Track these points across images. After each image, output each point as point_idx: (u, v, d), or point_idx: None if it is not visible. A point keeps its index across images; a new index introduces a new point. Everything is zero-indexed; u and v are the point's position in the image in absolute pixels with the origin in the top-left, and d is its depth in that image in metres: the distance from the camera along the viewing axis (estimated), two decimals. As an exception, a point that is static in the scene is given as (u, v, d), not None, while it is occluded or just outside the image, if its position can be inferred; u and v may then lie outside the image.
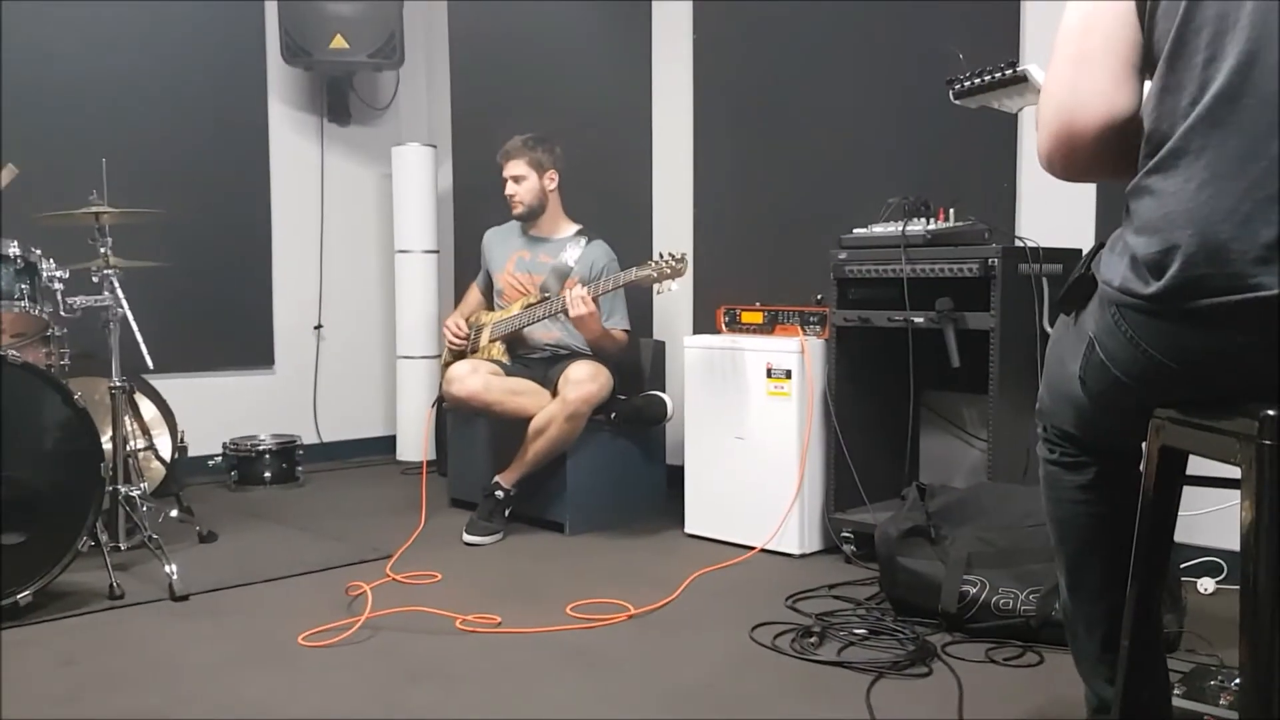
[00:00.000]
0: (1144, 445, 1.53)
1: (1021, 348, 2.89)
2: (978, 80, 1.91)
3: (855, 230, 3.18)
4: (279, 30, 4.73)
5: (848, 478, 3.23)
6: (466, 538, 3.51)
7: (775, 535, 3.31)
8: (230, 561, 3.26)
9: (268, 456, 4.49)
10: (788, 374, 3.28)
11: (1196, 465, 1.48)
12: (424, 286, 5.00)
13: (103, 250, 3.19)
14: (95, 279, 3.21)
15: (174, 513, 3.57)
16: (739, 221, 4.05)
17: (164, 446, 3.96)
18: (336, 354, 5.17)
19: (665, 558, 3.34)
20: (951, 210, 3.07)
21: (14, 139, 4.06)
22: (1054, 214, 3.14)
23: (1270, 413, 1.26)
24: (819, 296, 3.34)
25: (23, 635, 2.60)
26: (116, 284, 3.20)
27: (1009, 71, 1.85)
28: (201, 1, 4.61)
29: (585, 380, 3.58)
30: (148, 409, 3.94)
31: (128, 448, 3.29)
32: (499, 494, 3.59)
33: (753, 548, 3.35)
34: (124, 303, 3.20)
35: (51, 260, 3.11)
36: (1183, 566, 2.87)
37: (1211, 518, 2.77)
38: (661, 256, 3.41)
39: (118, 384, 3.23)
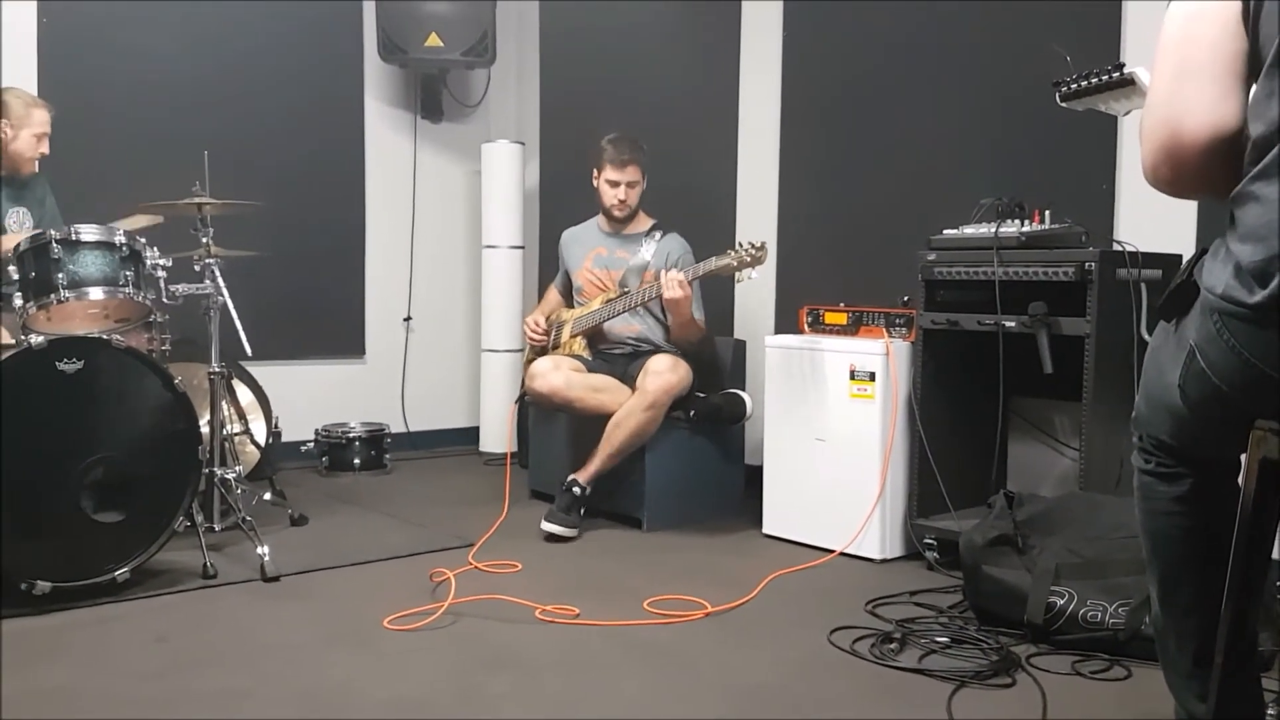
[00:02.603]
0: (1243, 457, 1.48)
1: (1117, 355, 2.81)
2: (1084, 83, 1.87)
3: (945, 231, 3.13)
4: (376, 28, 4.84)
5: (932, 483, 3.18)
6: (545, 525, 3.52)
7: (856, 539, 3.27)
8: (320, 545, 3.35)
9: (357, 444, 4.60)
10: (871, 376, 3.25)
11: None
12: (510, 281, 5.06)
13: (204, 240, 3.29)
14: (197, 268, 3.31)
15: (267, 496, 3.66)
16: (824, 221, 4.02)
17: (259, 431, 4.08)
18: (424, 346, 5.27)
19: (743, 557, 3.33)
20: (1047, 212, 3.00)
21: (123, 134, 4.23)
22: (1154, 218, 3.05)
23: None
24: (905, 298, 3.28)
25: (119, 611, 2.71)
26: (218, 273, 3.29)
27: (1116, 74, 1.81)
28: (302, 1, 4.74)
29: (665, 371, 3.59)
30: (244, 394, 4.06)
31: (224, 432, 3.39)
32: (575, 490, 3.60)
33: (832, 551, 3.31)
34: (224, 291, 3.29)
35: (155, 249, 3.20)
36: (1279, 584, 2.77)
37: (1314, 535, 2.66)
38: (741, 245, 3.40)
39: (216, 370, 3.33)
